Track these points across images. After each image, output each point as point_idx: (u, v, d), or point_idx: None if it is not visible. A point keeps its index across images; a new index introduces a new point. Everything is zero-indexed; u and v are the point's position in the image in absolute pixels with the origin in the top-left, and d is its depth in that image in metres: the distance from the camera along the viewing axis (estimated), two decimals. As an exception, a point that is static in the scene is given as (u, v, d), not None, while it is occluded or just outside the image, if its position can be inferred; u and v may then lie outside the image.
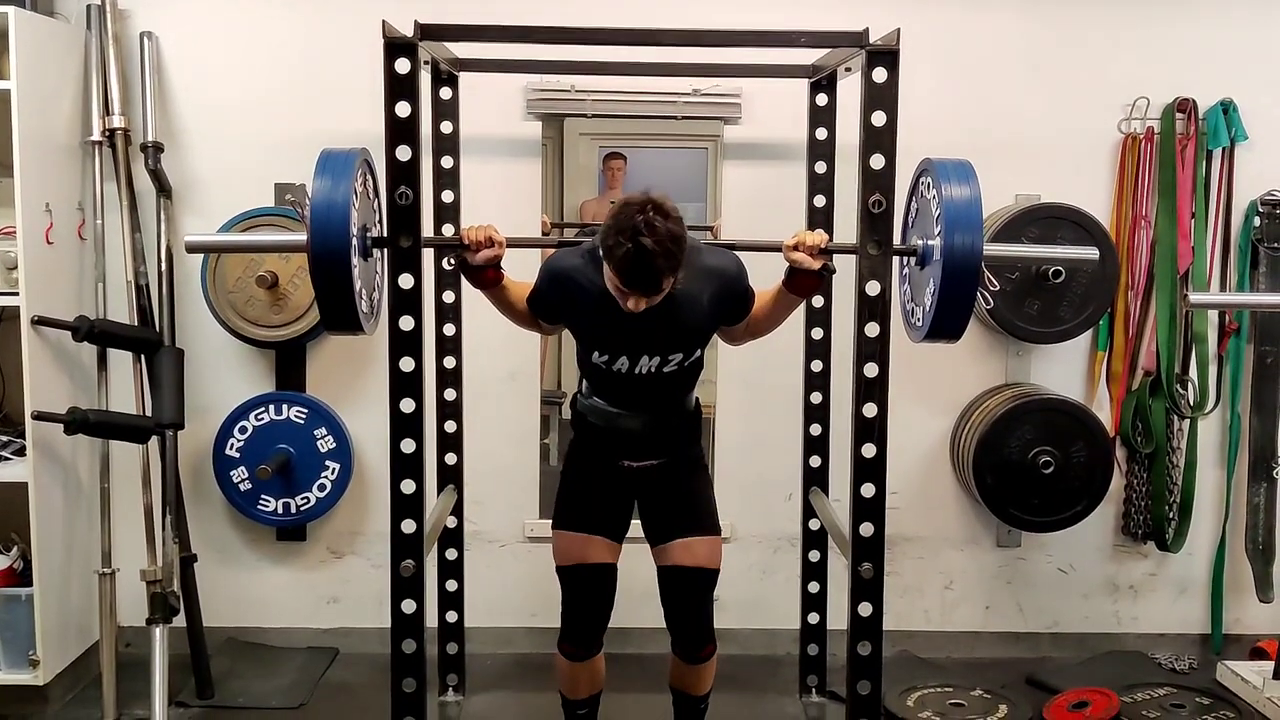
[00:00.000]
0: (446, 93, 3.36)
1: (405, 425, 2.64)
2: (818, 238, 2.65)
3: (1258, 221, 3.80)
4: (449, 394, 3.42)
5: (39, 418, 3.26)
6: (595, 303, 2.65)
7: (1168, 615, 4.01)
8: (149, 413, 3.52)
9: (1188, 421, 3.87)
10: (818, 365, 3.47)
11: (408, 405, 2.63)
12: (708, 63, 3.40)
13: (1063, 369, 3.89)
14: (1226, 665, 3.71)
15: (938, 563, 3.98)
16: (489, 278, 2.72)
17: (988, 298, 3.51)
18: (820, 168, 3.40)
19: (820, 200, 3.40)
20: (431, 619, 3.00)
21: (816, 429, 3.49)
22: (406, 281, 2.59)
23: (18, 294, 3.25)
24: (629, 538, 2.89)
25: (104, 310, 3.60)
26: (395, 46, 2.53)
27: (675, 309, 2.63)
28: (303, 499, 3.73)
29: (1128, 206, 3.80)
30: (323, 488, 3.73)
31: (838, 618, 3.06)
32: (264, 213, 3.65)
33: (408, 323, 2.60)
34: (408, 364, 2.62)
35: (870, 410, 2.66)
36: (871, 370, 2.65)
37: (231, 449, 3.71)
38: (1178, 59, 3.78)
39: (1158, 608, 4.01)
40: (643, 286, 2.46)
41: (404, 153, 2.54)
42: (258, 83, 3.72)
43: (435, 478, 3.38)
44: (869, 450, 2.67)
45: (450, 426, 3.44)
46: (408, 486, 2.65)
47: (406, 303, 2.60)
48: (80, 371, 3.55)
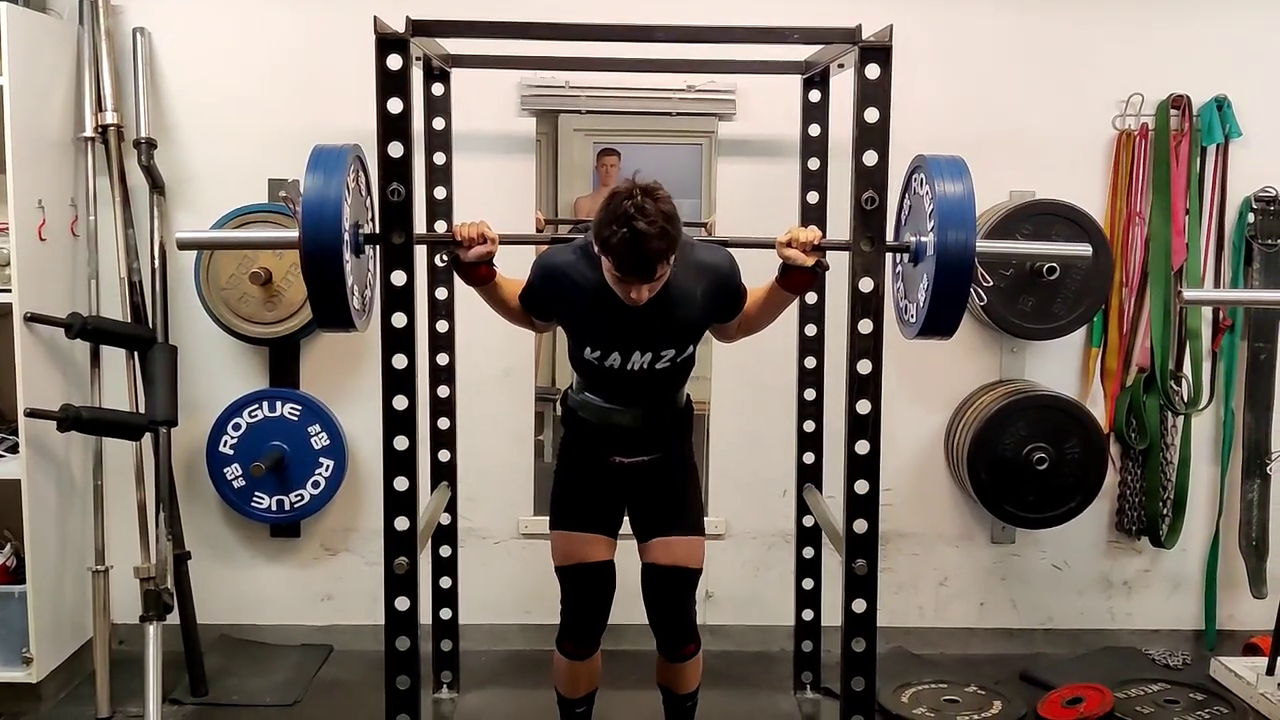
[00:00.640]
0: (439, 89, 3.36)
1: (398, 422, 2.64)
2: (811, 234, 2.64)
3: (1251, 218, 3.81)
4: (442, 391, 3.42)
5: (32, 415, 3.26)
6: (588, 298, 2.64)
7: (1162, 611, 4.02)
8: (142, 410, 3.51)
9: (1182, 418, 3.87)
10: (811, 362, 3.47)
11: (401, 402, 2.63)
12: (702, 59, 3.39)
13: (1057, 365, 3.90)
14: (1220, 661, 3.71)
15: (932, 559, 3.99)
16: (481, 275, 2.71)
17: (981, 294, 3.51)
18: (814, 164, 3.39)
19: (814, 197, 3.39)
20: (425, 616, 3.01)
21: (810, 425, 3.49)
22: (399, 278, 2.59)
23: (10, 291, 3.24)
24: (620, 535, 2.90)
25: (97, 307, 3.59)
26: (387, 42, 2.53)
27: (668, 304, 2.63)
28: (296, 496, 3.73)
29: (1122, 203, 3.80)
30: (316, 485, 3.73)
31: (832, 614, 3.06)
32: (257, 209, 3.64)
33: (400, 320, 2.60)
34: (401, 361, 2.62)
35: (864, 407, 2.66)
36: (865, 367, 2.65)
37: (225, 446, 3.71)
38: (1172, 56, 3.78)
39: (1152, 604, 4.02)
40: (641, 271, 2.45)
41: (396, 149, 2.54)
42: (250, 78, 3.71)
43: (429, 475, 3.38)
44: (863, 447, 2.67)
45: (444, 423, 3.43)
46: (401, 484, 2.65)
47: (399, 299, 2.59)
48: (73, 368, 3.54)
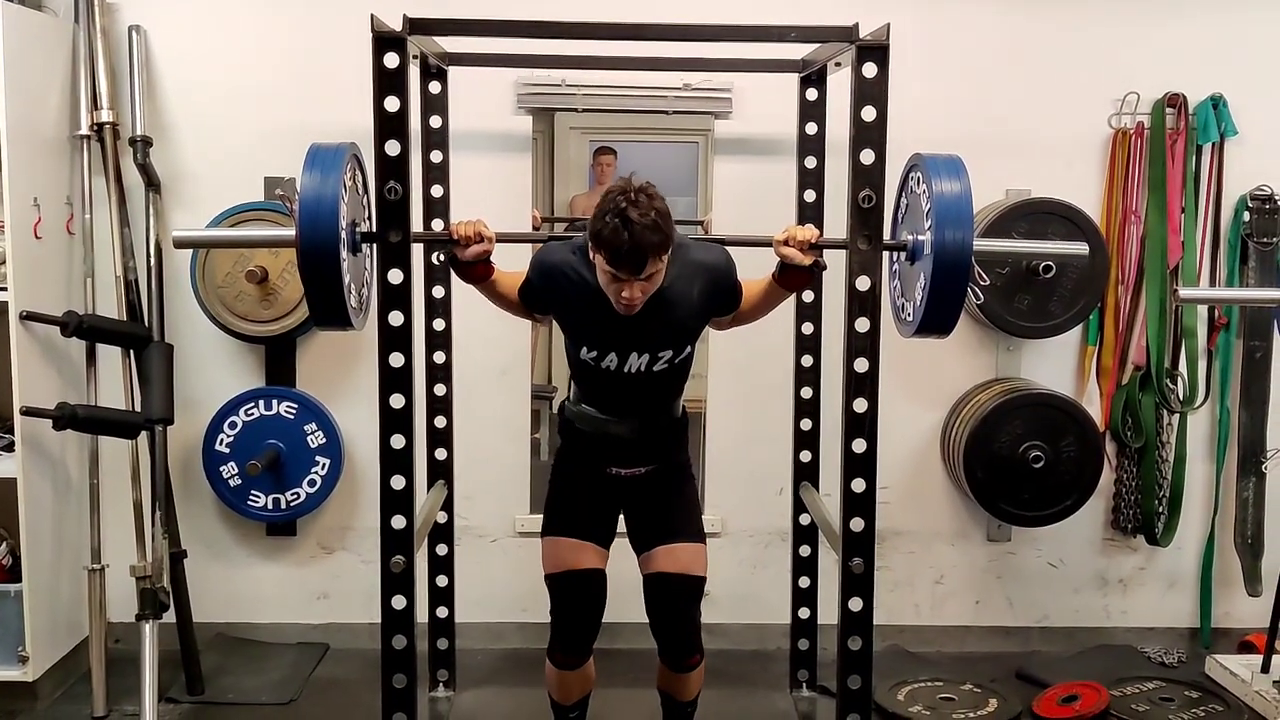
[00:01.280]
0: (436, 87, 3.35)
1: (395, 421, 2.63)
2: (808, 233, 2.64)
3: (1247, 216, 3.81)
4: (439, 389, 3.42)
5: (28, 413, 3.25)
6: (585, 298, 2.64)
7: (1157, 609, 4.03)
8: (138, 408, 3.51)
9: (1177, 416, 3.88)
10: (808, 360, 3.46)
11: (397, 400, 2.63)
12: (698, 57, 3.39)
13: (1053, 364, 3.90)
14: (1215, 659, 3.72)
15: (928, 557, 3.99)
16: (479, 273, 2.71)
17: (978, 293, 3.51)
18: (810, 163, 3.39)
19: (811, 195, 3.39)
20: (422, 614, 3.00)
21: (807, 424, 3.49)
22: (396, 276, 2.58)
23: (6, 289, 3.24)
24: (617, 538, 2.89)
25: (92, 305, 3.59)
26: (384, 41, 2.53)
27: (665, 304, 2.62)
28: (293, 494, 3.72)
29: (1118, 201, 3.80)
30: (313, 483, 3.72)
31: (828, 612, 3.06)
32: (253, 207, 3.64)
33: (397, 318, 2.60)
34: (397, 359, 2.62)
35: (860, 405, 2.66)
36: (862, 365, 2.65)
37: (221, 444, 3.70)
38: (1168, 54, 3.78)
39: (1147, 602, 4.03)
40: (633, 263, 2.44)
41: (393, 148, 2.53)
42: (246, 76, 3.71)
43: (425, 473, 3.38)
44: (859, 445, 2.68)
45: (440, 422, 3.43)
46: (397, 482, 2.65)
47: (396, 298, 2.59)
48: (69, 367, 3.54)
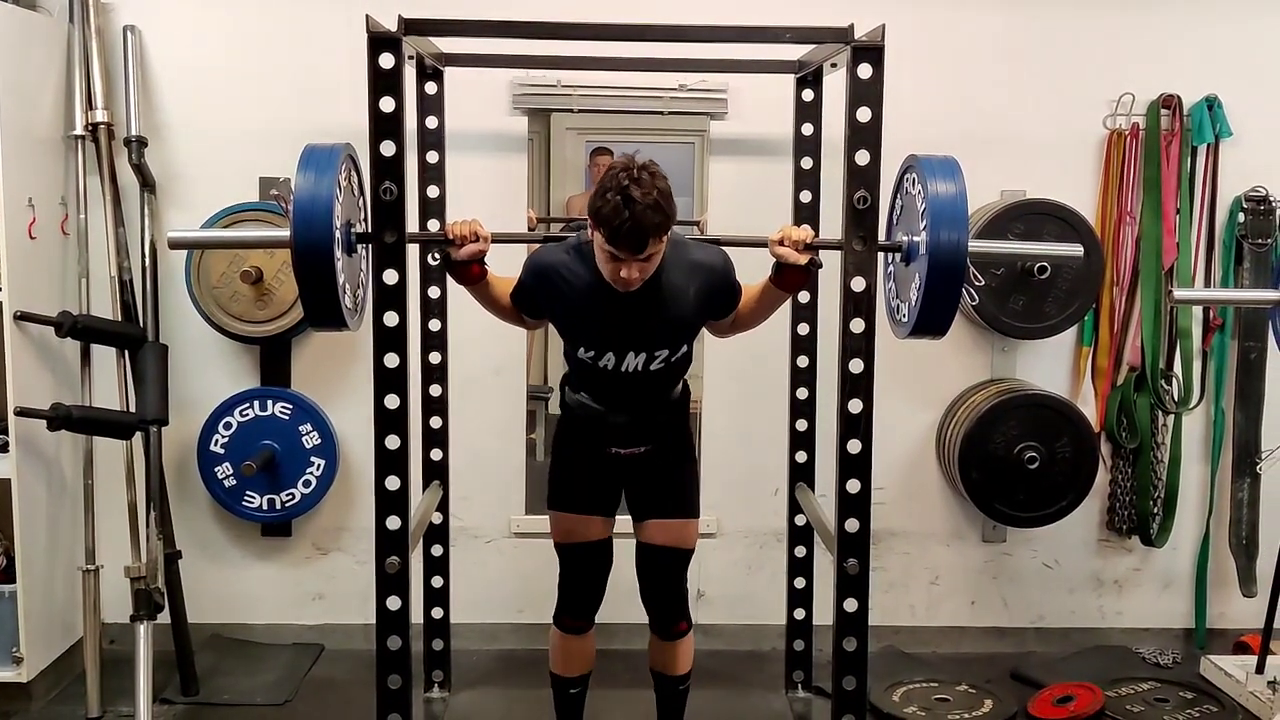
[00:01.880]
0: (431, 87, 3.35)
1: (390, 421, 2.63)
2: (803, 233, 2.65)
3: (1242, 217, 3.81)
4: (434, 390, 3.41)
5: (22, 414, 3.25)
6: (581, 296, 2.64)
7: (1152, 610, 4.03)
8: (133, 409, 3.51)
9: (1172, 417, 3.88)
10: (803, 361, 3.47)
11: (392, 401, 2.62)
12: (694, 58, 3.39)
13: (1048, 364, 3.90)
14: (1210, 659, 3.72)
15: (923, 558, 3.99)
16: (473, 274, 2.71)
17: (972, 293, 3.53)
18: (806, 163, 3.39)
19: (806, 196, 3.39)
20: (417, 615, 2.99)
21: (802, 424, 3.49)
22: (391, 277, 2.58)
23: (0, 289, 3.23)
24: (616, 533, 2.91)
25: (87, 306, 3.58)
26: (379, 41, 2.52)
27: (661, 301, 2.63)
28: (288, 495, 3.72)
29: (1113, 203, 3.80)
30: (308, 484, 3.72)
31: (823, 613, 3.06)
32: (248, 208, 3.63)
33: (392, 318, 2.59)
34: (392, 360, 2.61)
35: (856, 406, 2.66)
36: (857, 366, 2.65)
37: (216, 445, 3.70)
38: (1163, 56, 3.79)
39: (1142, 602, 4.03)
40: (633, 241, 2.44)
41: (388, 148, 2.53)
42: (242, 77, 3.70)
43: (421, 474, 3.37)
44: (854, 446, 2.68)
45: (436, 422, 3.43)
46: (392, 483, 2.64)
47: (391, 298, 2.59)
48: (63, 367, 3.53)
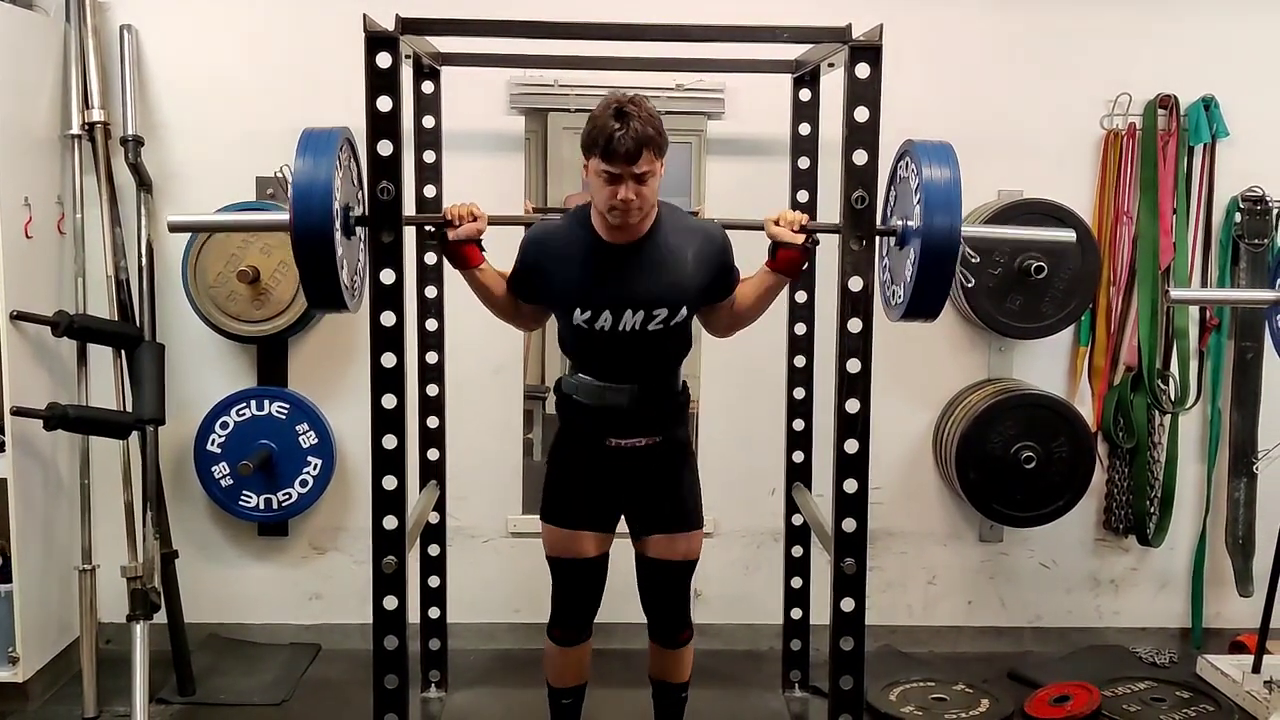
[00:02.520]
0: (429, 87, 3.35)
1: (387, 421, 2.63)
2: (799, 215, 2.71)
3: (1238, 217, 3.82)
4: (431, 389, 3.41)
5: (18, 413, 3.24)
6: (577, 253, 2.66)
7: (1149, 609, 4.03)
8: (129, 408, 3.50)
9: (1169, 416, 3.89)
10: (800, 360, 3.47)
11: (389, 401, 2.62)
12: (691, 58, 3.39)
13: (1045, 364, 3.91)
14: (1206, 659, 3.72)
15: (920, 558, 3.99)
16: (470, 257, 2.70)
17: (967, 275, 3.48)
18: (804, 163, 3.40)
19: (804, 195, 3.39)
20: (414, 615, 2.99)
21: (799, 424, 3.49)
22: (388, 276, 2.58)
23: (-4, 288, 3.23)
24: (616, 534, 2.89)
25: (84, 305, 3.58)
26: (376, 40, 2.52)
27: (660, 259, 2.65)
28: (284, 495, 3.72)
29: (1110, 202, 3.81)
30: (304, 483, 3.72)
31: (821, 613, 3.06)
32: (245, 207, 3.62)
33: (389, 318, 2.59)
34: (389, 359, 2.61)
35: (853, 406, 2.66)
36: (854, 366, 2.65)
37: (213, 445, 3.70)
38: (1160, 56, 3.79)
39: (1139, 602, 4.03)
40: (627, 154, 2.47)
41: (386, 147, 2.53)
42: (238, 76, 3.70)
43: (418, 473, 3.37)
44: (851, 446, 2.68)
45: (433, 422, 3.43)
46: (389, 482, 2.64)
47: (388, 298, 2.59)
48: (60, 367, 3.52)
